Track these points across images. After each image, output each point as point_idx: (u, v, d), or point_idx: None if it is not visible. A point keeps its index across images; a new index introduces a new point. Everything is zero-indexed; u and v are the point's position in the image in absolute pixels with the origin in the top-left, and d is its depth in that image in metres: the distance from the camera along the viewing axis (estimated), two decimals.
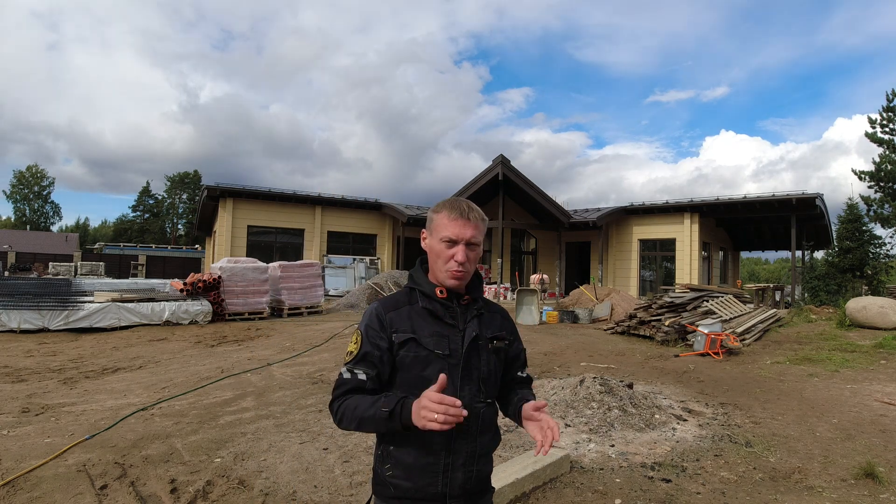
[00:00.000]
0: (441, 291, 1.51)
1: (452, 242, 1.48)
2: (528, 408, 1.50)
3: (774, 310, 14.54)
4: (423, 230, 1.59)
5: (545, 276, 19.54)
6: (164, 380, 6.43)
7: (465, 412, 1.27)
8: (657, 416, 4.94)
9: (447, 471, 1.45)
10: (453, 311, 1.52)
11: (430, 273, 1.55)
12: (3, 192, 64.04)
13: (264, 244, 21.58)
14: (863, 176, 25.04)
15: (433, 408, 1.27)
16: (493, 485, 1.67)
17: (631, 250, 22.29)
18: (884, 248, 20.06)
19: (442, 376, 1.31)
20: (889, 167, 24.31)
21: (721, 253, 25.01)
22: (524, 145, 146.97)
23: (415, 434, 1.41)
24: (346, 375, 1.49)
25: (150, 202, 62.42)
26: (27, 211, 62.85)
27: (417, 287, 1.54)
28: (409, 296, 1.55)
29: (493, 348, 1.56)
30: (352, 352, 1.51)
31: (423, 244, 1.57)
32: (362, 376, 1.47)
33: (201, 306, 11.54)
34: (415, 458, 1.45)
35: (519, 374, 1.70)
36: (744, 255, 30.95)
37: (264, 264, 13.32)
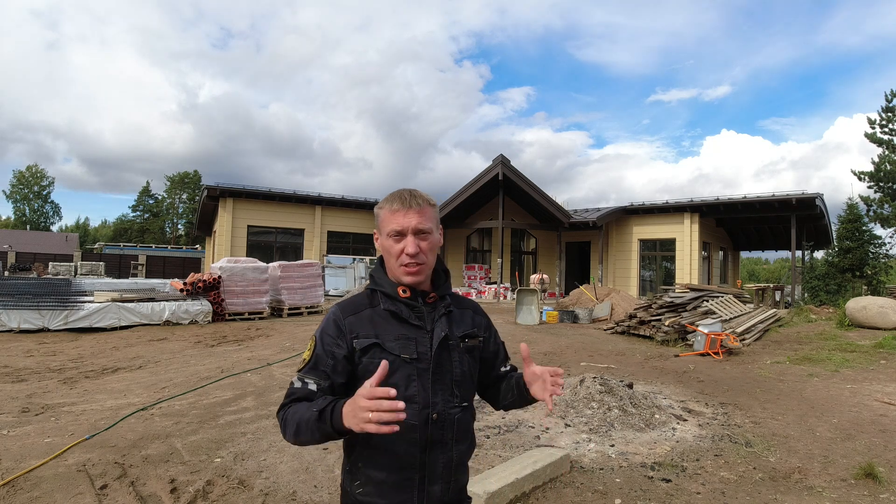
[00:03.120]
0: (404, 291, 1.41)
1: (399, 235, 1.38)
2: (528, 373, 1.46)
3: (774, 310, 14.55)
4: (375, 231, 1.49)
5: (545, 276, 19.56)
6: (164, 380, 6.43)
7: (401, 404, 1.12)
8: (657, 416, 4.94)
9: (423, 485, 1.36)
10: (419, 311, 1.41)
11: (389, 272, 1.45)
12: (3, 192, 64.10)
13: (264, 244, 21.59)
14: (862, 176, 25.06)
15: (365, 405, 1.12)
16: (492, 486, 1.65)
17: (631, 250, 22.30)
18: (884, 248, 20.07)
19: (383, 363, 1.19)
20: (888, 167, 24.32)
21: (721, 253, 25.03)
22: (525, 144, 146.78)
23: (384, 447, 1.33)
24: (297, 385, 1.39)
25: (150, 202, 62.42)
26: (27, 211, 62.83)
27: (378, 288, 1.44)
28: (371, 298, 1.45)
29: (465, 347, 1.46)
30: (305, 359, 1.41)
31: (376, 245, 1.48)
32: (312, 387, 1.36)
33: (201, 306, 11.54)
34: (387, 474, 1.34)
35: (503, 369, 1.61)
36: (744, 255, 30.98)
37: (264, 264, 13.32)
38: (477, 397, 1.62)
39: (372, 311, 1.41)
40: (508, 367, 1.63)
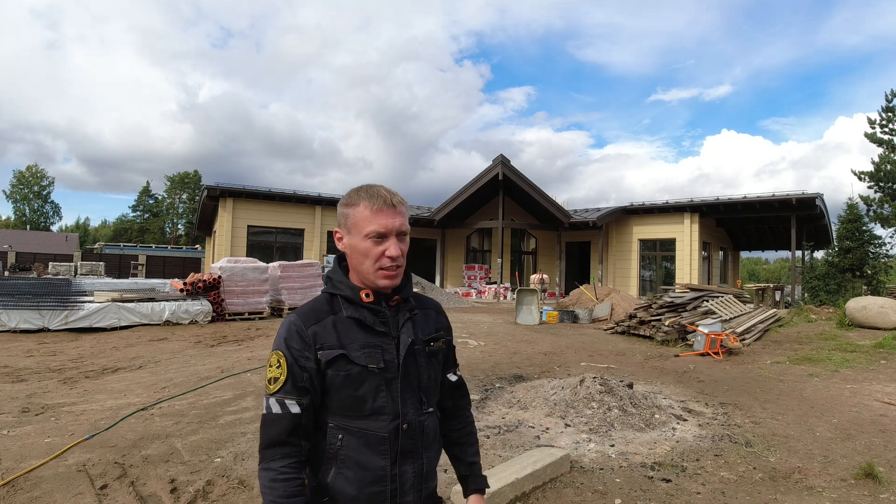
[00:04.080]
0: (367, 295, 1.32)
1: (382, 237, 1.29)
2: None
3: (774, 310, 14.55)
4: (337, 230, 1.39)
5: (545, 276, 19.57)
6: (164, 379, 6.43)
7: None
8: (657, 416, 4.94)
9: (395, 497, 1.30)
10: (384, 317, 1.33)
11: (352, 274, 1.35)
12: (3, 191, 64.14)
13: (264, 244, 21.58)
14: (862, 176, 25.05)
15: None
16: (492, 486, 1.64)
17: (631, 250, 22.30)
18: (884, 248, 20.06)
19: None
20: (888, 167, 24.31)
21: (721, 253, 25.03)
22: (525, 144, 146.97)
23: (353, 462, 1.28)
24: (276, 409, 1.25)
25: (150, 202, 62.44)
26: (27, 211, 62.84)
27: (338, 292, 1.34)
28: (331, 303, 1.34)
29: (430, 351, 1.40)
30: (276, 377, 1.27)
31: (339, 245, 1.38)
32: (295, 409, 1.26)
33: (201, 306, 11.54)
34: (357, 490, 1.27)
35: (450, 377, 1.53)
36: (744, 255, 30.97)
37: (264, 264, 13.31)
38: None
39: (334, 318, 1.31)
40: (457, 378, 1.56)
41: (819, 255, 24.31)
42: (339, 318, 1.32)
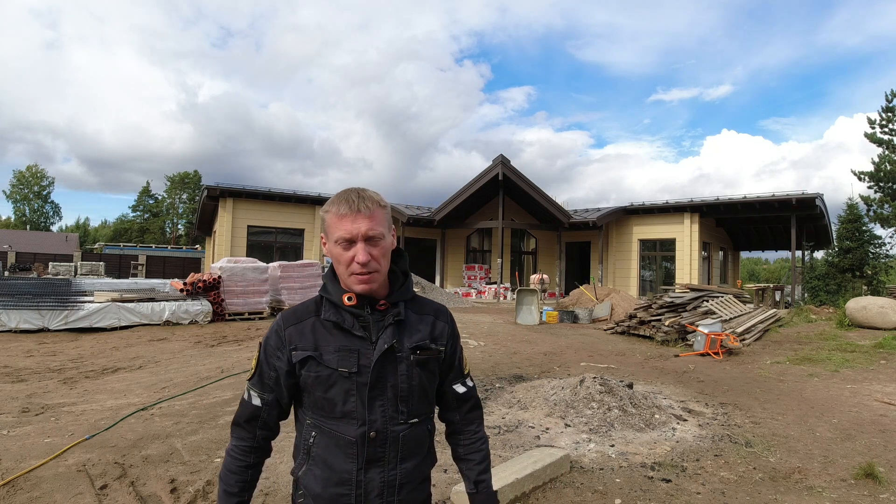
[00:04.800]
0: (350, 298, 1.31)
1: (348, 242, 1.28)
2: None
3: (774, 310, 14.54)
4: (322, 235, 1.39)
5: (545, 276, 19.57)
6: (164, 380, 6.43)
7: None
8: (657, 416, 4.94)
9: (360, 501, 1.30)
10: (364, 321, 1.32)
11: (341, 279, 1.35)
12: (3, 192, 64.12)
13: (264, 244, 21.58)
14: (862, 176, 25.06)
15: None
16: (493, 485, 1.61)
17: (631, 250, 22.30)
18: (884, 248, 20.09)
19: None
20: (888, 167, 24.32)
21: (721, 253, 25.02)
22: (525, 144, 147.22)
23: (322, 461, 1.31)
24: (245, 396, 1.38)
25: (150, 202, 62.44)
26: (27, 211, 62.84)
27: (326, 295, 1.35)
28: (318, 305, 1.37)
29: (416, 360, 1.35)
30: (251, 369, 1.39)
31: (324, 250, 1.40)
32: (257, 401, 1.35)
33: (201, 306, 11.54)
34: (322, 488, 1.30)
35: (456, 388, 1.48)
36: (744, 255, 30.97)
37: (264, 264, 13.31)
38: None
39: (315, 320, 1.34)
40: (465, 390, 1.50)
41: (819, 255, 24.35)
42: (320, 320, 1.34)
